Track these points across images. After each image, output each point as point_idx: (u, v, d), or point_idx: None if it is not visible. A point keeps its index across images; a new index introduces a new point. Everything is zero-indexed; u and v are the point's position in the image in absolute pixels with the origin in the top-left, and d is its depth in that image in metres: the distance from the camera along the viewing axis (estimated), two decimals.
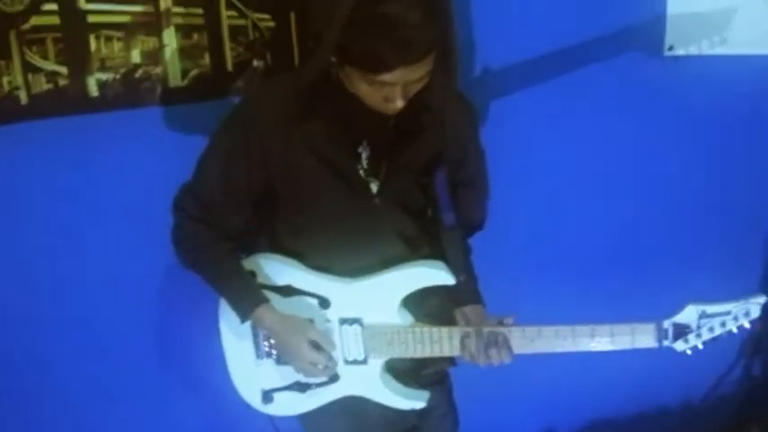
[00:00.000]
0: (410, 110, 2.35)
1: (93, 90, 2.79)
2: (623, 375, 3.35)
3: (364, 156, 2.49)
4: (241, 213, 2.56)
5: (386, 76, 2.20)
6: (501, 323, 2.53)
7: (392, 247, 2.58)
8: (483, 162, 2.68)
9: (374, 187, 2.51)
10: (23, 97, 2.71)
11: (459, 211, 2.61)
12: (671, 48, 3.20)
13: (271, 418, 2.78)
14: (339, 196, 2.51)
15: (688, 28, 3.17)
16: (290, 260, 2.62)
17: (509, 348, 2.50)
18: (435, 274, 2.55)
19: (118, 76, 2.81)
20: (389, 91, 2.26)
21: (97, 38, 2.75)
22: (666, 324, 2.46)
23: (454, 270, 2.56)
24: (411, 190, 2.57)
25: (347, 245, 2.56)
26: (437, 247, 2.61)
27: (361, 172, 2.50)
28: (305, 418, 2.77)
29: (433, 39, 2.18)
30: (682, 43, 3.19)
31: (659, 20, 3.17)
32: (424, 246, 2.63)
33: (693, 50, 3.19)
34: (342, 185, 2.49)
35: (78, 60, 2.74)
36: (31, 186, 2.83)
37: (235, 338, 2.71)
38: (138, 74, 2.84)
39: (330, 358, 2.59)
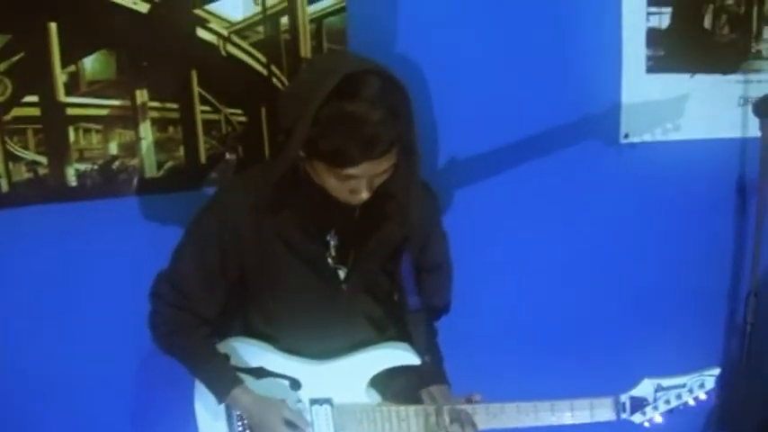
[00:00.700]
0: (375, 200, 2.44)
1: (72, 180, 2.89)
2: None
3: (332, 244, 2.60)
4: (216, 299, 2.64)
5: (351, 170, 2.30)
6: (469, 401, 2.60)
7: (360, 331, 2.68)
8: (445, 247, 2.78)
9: (342, 274, 2.61)
10: (4, 185, 2.81)
11: (423, 295, 2.71)
12: (626, 135, 3.32)
13: None
14: (309, 283, 2.60)
15: (642, 117, 3.30)
16: (262, 343, 2.70)
17: (472, 425, 2.57)
18: (401, 355, 2.65)
19: (96, 167, 2.91)
20: (355, 184, 2.36)
21: (76, 130, 2.86)
22: (624, 398, 2.54)
23: (419, 351, 2.65)
24: (377, 276, 2.67)
25: (317, 329, 2.66)
26: (403, 329, 2.70)
27: (330, 260, 2.60)
28: None
29: (395, 135, 2.29)
30: (636, 131, 3.32)
31: (615, 109, 3.30)
32: (390, 328, 2.73)
33: (648, 137, 3.32)
34: (311, 273, 2.59)
35: (58, 151, 2.85)
36: (11, 273, 2.91)
37: (210, 419, 2.77)
38: (116, 165, 2.93)
39: None
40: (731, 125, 3.41)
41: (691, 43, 3.32)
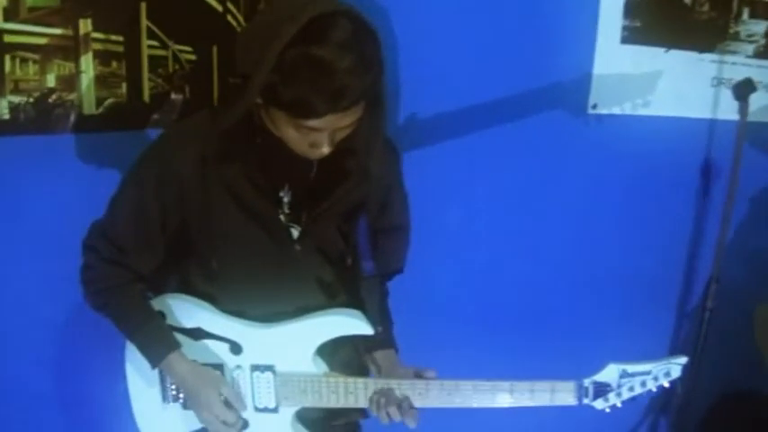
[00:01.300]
0: (335, 154, 2.25)
1: (5, 112, 2.67)
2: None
3: (286, 201, 2.40)
4: (154, 255, 2.45)
5: (314, 123, 2.11)
6: (420, 375, 2.44)
7: (309, 295, 2.49)
8: (406, 208, 2.60)
9: (295, 233, 2.41)
10: None
11: (378, 258, 2.52)
12: (594, 106, 3.19)
13: None
14: (258, 242, 2.40)
15: (612, 89, 3.18)
16: (201, 302, 2.50)
17: (413, 415, 2.41)
18: (353, 324, 2.46)
19: (31, 100, 2.70)
20: (316, 137, 2.17)
21: (13, 59, 2.64)
22: (587, 382, 2.41)
23: (372, 320, 2.46)
24: (332, 236, 2.48)
25: (263, 290, 2.46)
26: (355, 295, 2.51)
27: (282, 217, 2.40)
28: None
29: (365, 86, 2.09)
30: (605, 103, 3.19)
31: (585, 79, 3.16)
32: (341, 293, 2.53)
33: (616, 110, 3.19)
34: (261, 231, 2.39)
35: None
36: None
37: (141, 381, 2.57)
38: (52, 99, 2.73)
39: (239, 416, 2.48)
40: (702, 105, 3.31)
41: (669, 17, 3.20)
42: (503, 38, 3.06)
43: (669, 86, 3.22)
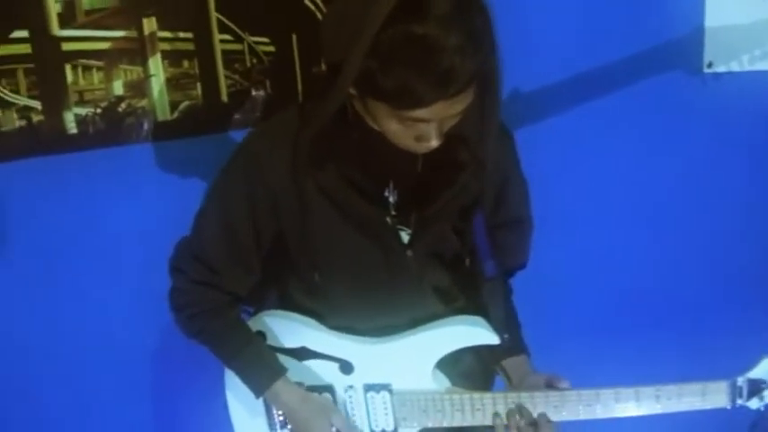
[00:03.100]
0: (443, 144, 1.94)
1: (72, 126, 2.49)
2: None
3: (392, 201, 2.11)
4: (250, 274, 2.20)
5: (420, 113, 1.79)
6: (553, 385, 2.16)
7: (425, 303, 2.21)
8: (526, 197, 2.30)
9: (405, 237, 2.13)
10: None
11: (500, 256, 2.23)
12: (710, 64, 2.85)
13: None
14: (364, 249, 2.12)
15: (727, 43, 2.83)
16: (305, 319, 2.25)
17: (551, 429, 2.14)
18: (476, 334, 2.19)
19: (99, 111, 2.52)
20: (423, 128, 1.87)
21: (74, 68, 2.47)
22: (741, 381, 2.13)
23: (497, 327, 2.18)
24: (447, 237, 2.19)
25: (373, 303, 2.19)
26: (476, 300, 2.23)
27: (389, 220, 2.11)
28: None
29: (476, 66, 1.77)
30: (721, 59, 2.85)
31: (697, 35, 2.82)
32: (458, 297, 2.25)
33: (735, 66, 2.84)
34: (367, 238, 2.11)
35: (53, 94, 2.45)
36: (6, 233, 2.50)
37: (244, 410, 2.33)
38: (122, 108, 2.54)
39: None
40: None
41: None
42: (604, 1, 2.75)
43: None
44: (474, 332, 2.18)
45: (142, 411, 2.78)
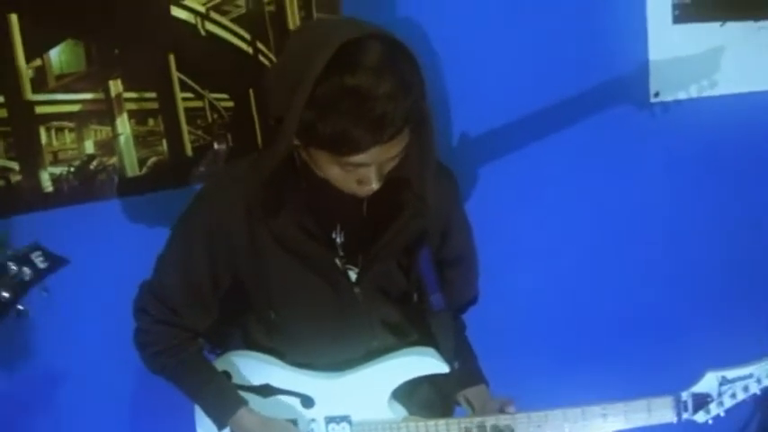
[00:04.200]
0: (385, 186, 2.00)
1: (48, 185, 2.55)
2: None
3: (339, 242, 2.16)
4: (207, 313, 2.25)
5: (358, 158, 1.86)
6: (503, 410, 2.19)
7: (377, 338, 2.25)
8: (469, 235, 2.34)
9: (353, 275, 2.18)
10: None
11: (447, 291, 2.27)
12: (657, 94, 2.89)
13: None
14: (315, 290, 2.18)
15: (673, 73, 2.88)
16: (267, 357, 2.28)
17: None
18: (427, 363, 2.22)
19: (72, 169, 2.57)
20: (363, 173, 1.92)
21: (48, 130, 2.53)
22: (685, 396, 2.15)
23: (446, 357, 2.22)
24: (393, 274, 2.23)
25: (327, 339, 2.23)
26: (426, 333, 2.27)
27: (338, 261, 2.16)
28: None
29: (407, 110, 1.83)
30: (668, 89, 2.89)
31: (642, 67, 2.87)
32: (411, 332, 2.29)
33: (682, 95, 2.88)
34: (318, 277, 2.16)
35: (29, 154, 2.51)
36: None
37: None
38: (93, 165, 2.58)
39: None
40: None
41: None
42: (549, 38, 2.78)
43: (732, 62, 2.91)
44: (424, 362, 2.22)
45: None
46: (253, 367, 2.28)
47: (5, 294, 1.87)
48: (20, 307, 1.90)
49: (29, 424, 2.68)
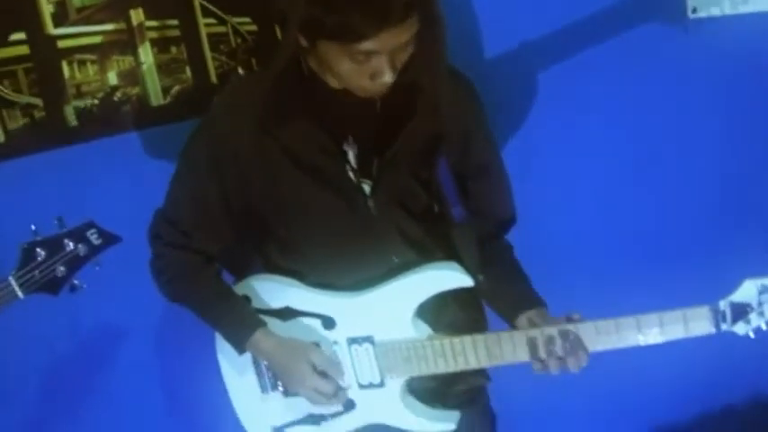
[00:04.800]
0: (397, 92, 1.90)
1: (72, 119, 2.46)
2: (685, 377, 2.83)
3: (351, 153, 2.03)
4: (221, 235, 2.14)
5: (369, 44, 1.76)
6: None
7: (397, 254, 2.10)
8: (492, 145, 2.19)
9: (367, 188, 2.04)
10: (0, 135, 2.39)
11: (477, 206, 2.13)
12: (694, 10, 2.67)
13: None
14: (329, 204, 2.05)
15: None
16: (286, 279, 2.16)
17: (583, 348, 1.98)
18: (449, 277, 2.06)
19: (96, 102, 2.49)
20: (376, 64, 1.81)
21: (70, 63, 2.45)
22: (723, 305, 1.95)
23: (470, 270, 2.05)
24: (410, 186, 2.09)
25: (346, 257, 2.10)
26: (448, 247, 2.12)
27: (351, 173, 2.03)
28: None
29: None
30: (704, 4, 2.65)
31: None
32: (433, 248, 2.13)
33: (716, 12, 2.65)
34: (330, 192, 2.04)
35: (53, 90, 2.44)
36: (15, 228, 2.29)
37: (236, 373, 2.25)
38: (117, 97, 2.51)
39: (339, 384, 2.11)
40: None
41: None
42: None
43: None
44: (447, 276, 2.07)
45: (144, 384, 2.72)
46: (272, 290, 2.17)
47: (62, 269, 1.95)
48: (75, 281, 1.98)
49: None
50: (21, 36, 2.36)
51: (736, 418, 3.15)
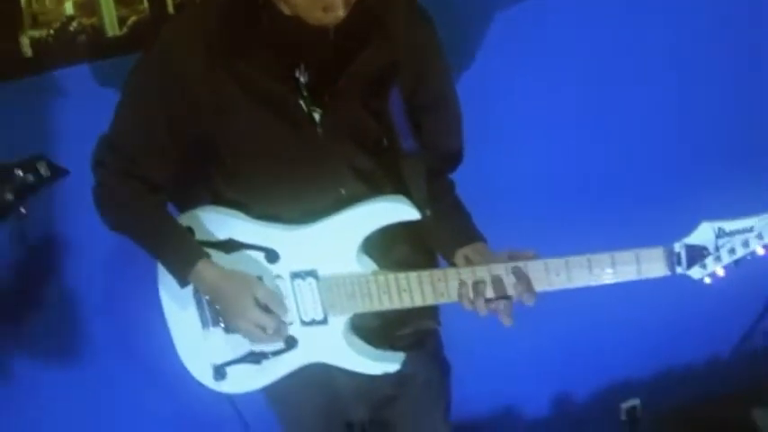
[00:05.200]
0: (350, 21, 1.79)
1: (28, 50, 2.34)
2: (640, 332, 2.78)
3: (303, 81, 1.91)
4: (167, 163, 2.02)
5: None
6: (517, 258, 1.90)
7: (345, 185, 1.99)
8: (447, 79, 2.07)
9: (317, 116, 1.93)
10: None
11: (426, 139, 2.01)
12: None
13: (230, 398, 2.18)
14: (277, 132, 1.94)
15: None
16: (231, 211, 2.05)
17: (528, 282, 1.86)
18: (395, 209, 1.95)
19: (52, 32, 2.35)
20: None
21: None
22: (678, 247, 1.83)
23: (418, 203, 1.94)
24: (361, 116, 1.97)
25: (293, 187, 1.99)
26: (398, 181, 2.00)
27: (302, 102, 1.92)
28: (269, 393, 2.20)
29: None
30: None
31: None
32: (382, 181, 2.02)
33: None
34: (279, 120, 1.93)
35: (9, 19, 2.31)
36: None
37: (177, 308, 2.14)
38: (73, 26, 2.37)
39: (281, 319, 2.00)
40: None
41: None
42: None
43: None
44: (394, 208, 1.96)
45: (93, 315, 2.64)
46: (216, 222, 2.06)
47: (9, 197, 1.89)
48: (22, 210, 1.92)
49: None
50: None
51: (688, 368, 3.05)
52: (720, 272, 1.84)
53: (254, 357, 2.08)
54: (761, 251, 1.82)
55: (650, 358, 3.01)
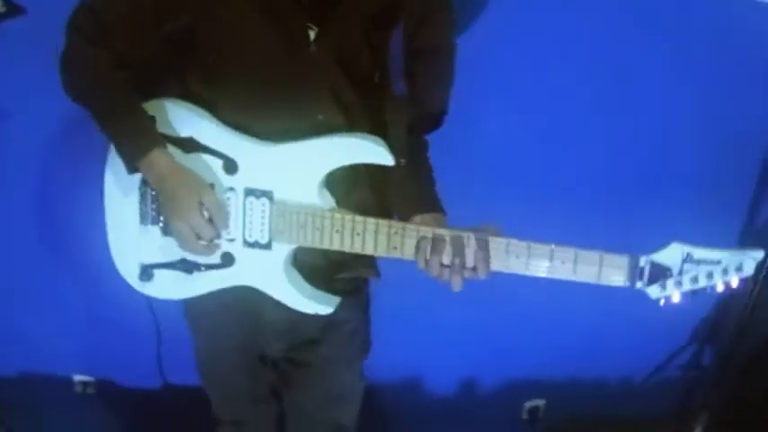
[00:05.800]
0: None
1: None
2: (560, 338, 2.74)
3: None
4: (142, 41, 1.85)
5: None
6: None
7: (324, 112, 1.85)
8: (448, 32, 1.93)
9: (312, 34, 1.79)
10: None
11: (414, 87, 1.86)
12: None
13: (148, 300, 2.02)
14: (269, 40, 1.80)
15: None
16: (200, 110, 1.89)
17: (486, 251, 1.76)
18: (371, 149, 1.82)
19: None
20: None
21: None
22: (643, 261, 1.75)
23: (394, 149, 1.81)
24: (357, 45, 1.83)
25: (270, 99, 1.85)
26: (379, 122, 1.86)
27: (300, 14, 1.78)
28: (189, 308, 2.05)
29: None
30: None
31: None
32: (363, 117, 1.88)
33: None
34: (274, 28, 1.79)
35: None
36: None
37: (119, 195, 1.97)
38: None
39: (218, 234, 1.86)
40: None
41: None
42: None
43: None
44: (369, 148, 1.82)
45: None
46: (181, 116, 1.89)
47: None
48: None
49: None
50: None
51: (600, 384, 3.03)
52: (676, 298, 1.78)
53: (186, 266, 1.93)
54: (721, 287, 1.76)
55: (564, 365, 2.94)
